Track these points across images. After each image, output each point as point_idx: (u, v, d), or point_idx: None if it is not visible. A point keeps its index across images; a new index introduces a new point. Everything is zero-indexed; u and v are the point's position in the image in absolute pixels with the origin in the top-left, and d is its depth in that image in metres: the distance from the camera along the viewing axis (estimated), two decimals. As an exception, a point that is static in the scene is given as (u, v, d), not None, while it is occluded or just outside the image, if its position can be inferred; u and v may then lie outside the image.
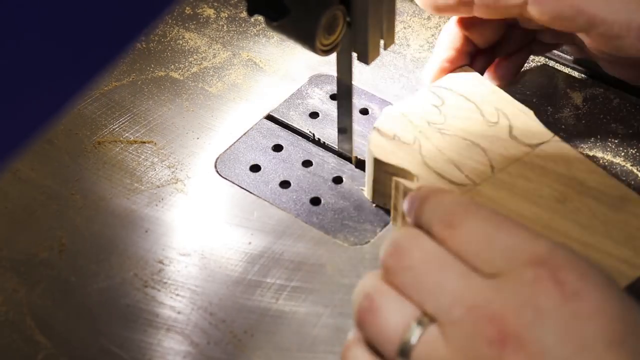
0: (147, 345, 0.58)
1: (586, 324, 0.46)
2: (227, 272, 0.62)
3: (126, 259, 0.63)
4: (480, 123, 0.64)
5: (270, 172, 0.68)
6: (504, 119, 0.65)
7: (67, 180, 0.68)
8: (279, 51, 0.77)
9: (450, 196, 0.52)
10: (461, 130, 0.64)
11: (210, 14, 0.80)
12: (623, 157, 0.68)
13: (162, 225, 0.65)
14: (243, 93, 0.74)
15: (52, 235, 0.64)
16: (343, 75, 0.64)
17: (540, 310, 0.47)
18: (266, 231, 0.64)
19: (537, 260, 0.48)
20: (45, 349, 0.58)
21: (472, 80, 0.67)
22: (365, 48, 0.60)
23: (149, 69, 0.76)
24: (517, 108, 0.65)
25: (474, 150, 0.63)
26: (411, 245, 0.50)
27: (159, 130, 0.71)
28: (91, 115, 0.72)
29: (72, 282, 0.62)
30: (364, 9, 0.58)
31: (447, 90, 0.66)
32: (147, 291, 0.61)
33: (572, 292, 0.47)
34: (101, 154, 0.69)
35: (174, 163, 0.69)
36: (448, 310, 0.48)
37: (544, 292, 0.47)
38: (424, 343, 0.48)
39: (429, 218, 0.51)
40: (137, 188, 0.67)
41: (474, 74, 0.68)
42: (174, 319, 0.59)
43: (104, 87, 0.74)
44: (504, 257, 0.48)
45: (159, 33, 0.78)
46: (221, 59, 0.77)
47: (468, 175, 0.61)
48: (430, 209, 0.52)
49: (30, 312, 0.60)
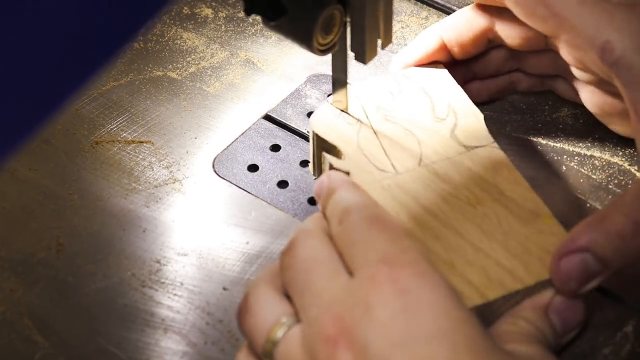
0: (145, 345, 0.58)
1: (411, 318, 0.47)
2: (225, 272, 0.62)
3: (124, 259, 0.63)
4: (427, 116, 0.65)
5: (268, 171, 0.68)
6: (452, 117, 0.65)
7: (64, 180, 0.68)
8: (276, 51, 0.77)
9: (350, 194, 0.54)
10: (405, 120, 0.65)
11: (208, 14, 0.80)
12: (621, 157, 0.68)
13: (160, 225, 0.65)
14: (241, 93, 0.74)
15: (50, 235, 0.64)
16: (339, 75, 0.64)
17: (369, 306, 0.47)
18: (264, 231, 0.64)
19: (383, 259, 0.49)
20: (42, 349, 0.58)
21: (437, 75, 0.68)
22: (363, 48, 0.60)
23: (147, 68, 0.76)
24: (470, 109, 0.66)
25: (409, 140, 0.64)
26: (298, 244, 0.52)
27: (156, 130, 0.71)
28: (89, 115, 0.72)
29: (70, 281, 0.62)
30: (361, 8, 0.58)
31: (408, 80, 0.68)
32: (144, 291, 0.61)
33: (403, 288, 0.48)
34: (99, 153, 0.69)
35: (172, 163, 0.69)
36: (307, 310, 0.49)
37: (376, 289, 0.48)
38: (285, 341, 0.50)
39: (330, 211, 0.54)
40: (135, 188, 0.67)
41: (442, 71, 0.68)
42: (171, 319, 0.59)
43: (101, 87, 0.74)
44: (359, 256, 0.50)
45: (156, 33, 0.78)
46: (219, 59, 0.77)
47: (393, 163, 0.62)
48: (332, 203, 0.54)
49: (28, 312, 0.60)
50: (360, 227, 0.51)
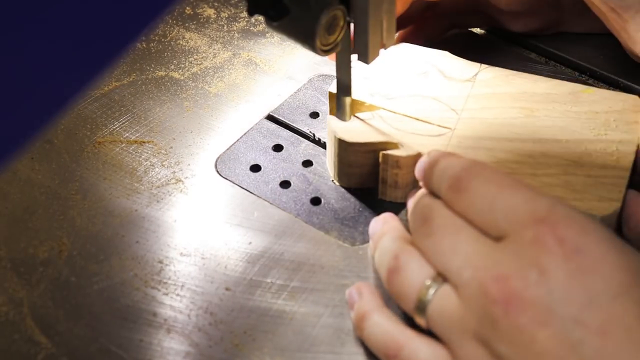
0: (147, 345, 0.58)
1: (590, 278, 0.47)
2: (227, 272, 0.62)
3: (126, 259, 0.63)
4: (414, 77, 0.67)
5: (270, 172, 0.68)
6: (431, 67, 0.68)
7: (67, 181, 0.68)
8: (279, 51, 0.77)
9: (455, 159, 0.55)
10: (403, 90, 0.66)
11: (210, 14, 0.80)
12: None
13: (162, 225, 0.65)
14: (243, 93, 0.74)
15: (53, 236, 0.64)
16: (342, 75, 0.64)
17: (544, 269, 0.48)
18: (266, 231, 0.64)
19: (537, 219, 0.49)
20: (45, 349, 0.58)
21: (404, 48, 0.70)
22: (366, 48, 0.60)
23: (149, 68, 0.76)
24: (435, 53, 0.69)
25: (426, 102, 0.65)
26: (433, 215, 0.54)
27: (159, 130, 0.71)
28: (91, 115, 0.72)
29: (73, 282, 0.62)
30: (364, 8, 0.58)
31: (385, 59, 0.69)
32: (147, 291, 0.61)
33: (573, 248, 0.48)
34: (101, 154, 0.69)
35: (174, 163, 0.69)
36: (458, 272, 0.51)
37: (545, 251, 0.48)
38: (438, 299, 0.52)
39: (438, 183, 0.55)
40: (137, 188, 0.67)
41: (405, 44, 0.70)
42: (174, 319, 0.59)
43: (104, 87, 0.74)
44: (506, 219, 0.51)
45: (159, 33, 0.78)
46: (221, 59, 0.77)
47: (440, 125, 0.64)
48: (438, 174, 0.55)
49: (31, 313, 0.60)
50: (488, 190, 0.52)
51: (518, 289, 0.48)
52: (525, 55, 0.76)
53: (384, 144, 0.63)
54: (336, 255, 0.63)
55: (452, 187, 0.53)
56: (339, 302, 0.60)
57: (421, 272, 0.53)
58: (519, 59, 0.76)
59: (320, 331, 0.59)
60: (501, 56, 0.76)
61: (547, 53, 0.75)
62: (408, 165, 0.61)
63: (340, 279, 0.61)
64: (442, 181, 0.55)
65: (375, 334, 0.55)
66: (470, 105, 0.65)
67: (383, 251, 0.57)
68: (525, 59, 0.76)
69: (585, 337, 0.46)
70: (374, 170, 0.64)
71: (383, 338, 0.54)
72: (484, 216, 0.52)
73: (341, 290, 0.60)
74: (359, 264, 0.62)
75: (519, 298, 0.48)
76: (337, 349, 0.57)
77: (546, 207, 0.50)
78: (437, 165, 0.56)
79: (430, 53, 0.69)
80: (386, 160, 0.63)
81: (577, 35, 0.75)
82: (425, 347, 0.52)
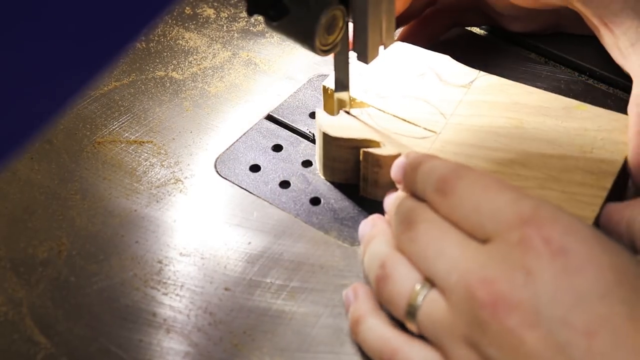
0: (147, 345, 0.58)
1: (576, 278, 0.47)
2: (227, 272, 0.62)
3: (126, 259, 0.63)
4: (410, 78, 0.67)
5: (270, 172, 0.68)
6: (428, 69, 0.68)
7: (66, 181, 0.68)
8: (278, 51, 0.77)
9: (439, 162, 0.55)
10: (396, 90, 0.66)
11: (210, 14, 0.80)
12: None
13: (162, 225, 0.65)
14: (243, 93, 0.74)
15: (52, 236, 0.64)
16: (340, 74, 0.64)
17: (530, 271, 0.48)
18: (266, 231, 0.64)
19: (522, 220, 0.49)
20: (45, 349, 0.58)
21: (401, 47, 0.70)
22: (365, 48, 0.60)
23: (149, 68, 0.76)
24: (435, 56, 0.69)
25: (417, 104, 0.65)
26: (416, 219, 0.54)
27: (158, 130, 0.71)
28: (91, 115, 0.72)
29: (72, 282, 0.62)
30: (363, 9, 0.58)
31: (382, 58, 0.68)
32: (146, 291, 0.61)
33: (559, 248, 0.48)
34: (101, 154, 0.69)
35: (174, 163, 0.69)
36: (445, 277, 0.50)
37: (531, 252, 0.48)
38: (427, 304, 0.52)
39: (423, 185, 0.54)
40: (137, 188, 0.67)
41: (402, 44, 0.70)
42: (173, 319, 0.59)
43: (103, 87, 0.74)
44: (491, 221, 0.50)
45: (158, 33, 0.78)
46: (221, 59, 0.77)
47: (426, 128, 0.64)
48: (422, 177, 0.55)
49: (30, 312, 0.60)
50: (474, 193, 0.52)
51: (505, 291, 0.48)
52: (525, 55, 0.76)
53: (367, 141, 0.63)
54: (335, 255, 0.63)
55: (438, 189, 0.53)
56: (339, 302, 0.60)
57: (409, 278, 0.53)
58: (518, 59, 0.76)
59: (320, 331, 0.59)
60: (501, 56, 0.76)
61: (547, 53, 0.76)
62: (389, 165, 0.61)
63: (339, 279, 0.61)
64: (427, 184, 0.54)
65: (369, 338, 0.55)
66: (461, 111, 0.65)
67: (371, 257, 0.57)
68: (525, 59, 0.76)
69: (572, 338, 0.46)
70: (358, 167, 0.64)
71: (377, 343, 0.54)
72: (470, 218, 0.51)
73: (340, 290, 0.60)
74: (359, 264, 0.62)
75: (506, 301, 0.47)
76: (337, 349, 0.57)
77: (531, 208, 0.50)
78: (421, 167, 0.55)
79: (431, 56, 0.69)
80: (367, 158, 0.63)
81: (576, 35, 0.75)
82: (419, 351, 0.52)
